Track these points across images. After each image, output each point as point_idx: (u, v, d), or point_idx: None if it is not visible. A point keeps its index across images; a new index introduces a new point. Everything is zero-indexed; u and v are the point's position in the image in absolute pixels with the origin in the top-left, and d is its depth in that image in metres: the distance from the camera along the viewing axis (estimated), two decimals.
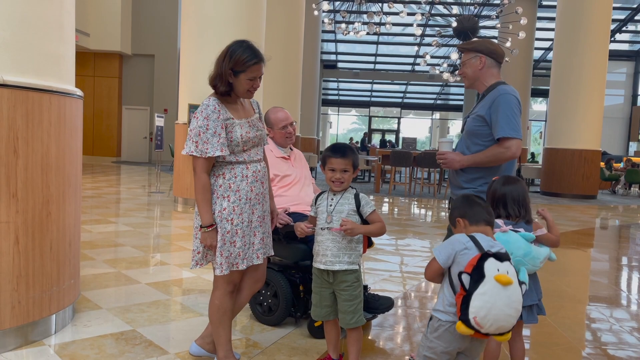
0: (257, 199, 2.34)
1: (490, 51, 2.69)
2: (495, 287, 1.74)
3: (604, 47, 12.16)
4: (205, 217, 2.22)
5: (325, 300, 2.38)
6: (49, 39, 2.60)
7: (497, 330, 1.77)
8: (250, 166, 2.32)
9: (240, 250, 2.28)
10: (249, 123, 2.32)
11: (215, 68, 2.26)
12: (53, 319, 2.74)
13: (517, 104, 2.57)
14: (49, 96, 2.58)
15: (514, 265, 1.91)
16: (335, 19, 17.80)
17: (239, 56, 2.20)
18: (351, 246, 2.32)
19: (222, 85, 2.24)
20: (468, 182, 2.65)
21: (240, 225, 2.27)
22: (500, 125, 2.52)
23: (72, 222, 2.83)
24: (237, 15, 7.36)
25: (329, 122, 33.26)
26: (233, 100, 2.31)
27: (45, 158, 2.58)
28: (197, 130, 2.20)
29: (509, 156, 2.54)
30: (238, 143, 2.26)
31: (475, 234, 1.89)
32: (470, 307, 1.75)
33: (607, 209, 10.82)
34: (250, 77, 2.24)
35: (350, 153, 2.30)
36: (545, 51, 22.97)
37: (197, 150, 2.19)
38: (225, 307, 2.36)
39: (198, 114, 2.23)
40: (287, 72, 12.82)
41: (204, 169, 2.21)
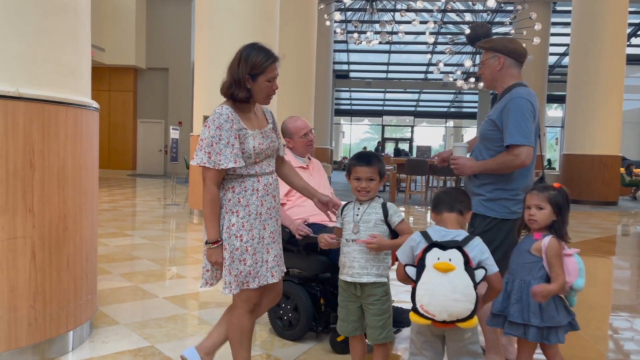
0: (268, 214, 2.22)
1: (510, 50, 2.58)
2: (434, 275, 1.86)
3: (621, 51, 11.97)
4: (212, 232, 2.11)
5: (352, 315, 2.29)
6: (64, 51, 2.58)
7: (451, 317, 1.85)
8: (261, 179, 2.20)
9: (250, 269, 2.16)
10: (262, 134, 2.22)
11: (228, 76, 2.17)
12: (70, 336, 2.68)
13: (529, 109, 2.45)
14: (65, 108, 2.55)
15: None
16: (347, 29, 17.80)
17: (255, 59, 2.12)
18: (379, 257, 2.23)
19: (240, 91, 2.14)
20: (478, 187, 2.58)
21: (251, 242, 2.16)
22: (510, 132, 2.43)
23: (89, 236, 2.79)
24: (250, 27, 7.35)
25: (342, 131, 33.22)
26: (247, 109, 2.22)
27: (61, 171, 2.54)
28: (210, 140, 2.09)
29: (518, 164, 2.43)
30: (250, 155, 2.15)
31: (429, 228, 2.04)
32: (416, 296, 1.90)
33: (629, 216, 10.58)
34: (269, 79, 2.16)
35: (376, 161, 2.22)
36: (560, 56, 22.73)
37: (210, 161, 2.08)
38: (244, 327, 2.26)
39: (210, 123, 2.12)
40: (300, 83, 12.80)
41: (215, 181, 2.11)
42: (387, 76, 27.00)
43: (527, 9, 13.46)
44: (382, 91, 28.94)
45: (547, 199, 2.12)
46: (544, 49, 17.32)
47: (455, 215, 2.07)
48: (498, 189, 2.52)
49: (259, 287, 2.20)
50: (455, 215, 2.07)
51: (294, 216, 3.01)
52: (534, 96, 2.54)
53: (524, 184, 2.52)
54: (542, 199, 2.12)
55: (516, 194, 2.52)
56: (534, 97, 2.52)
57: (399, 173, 12.05)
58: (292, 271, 3.18)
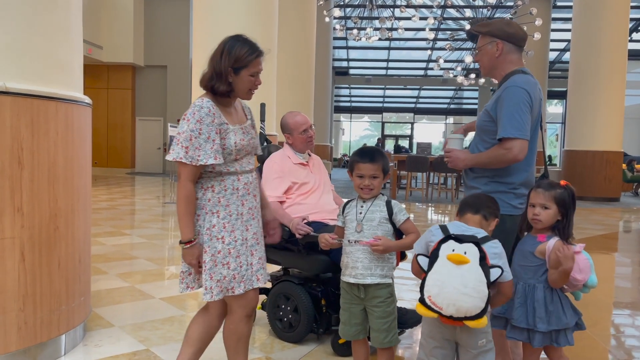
0: (250, 214, 2.10)
1: (509, 35, 2.39)
2: (447, 266, 1.77)
3: (623, 46, 11.87)
4: (185, 231, 1.98)
5: (356, 318, 2.19)
6: (54, 44, 2.48)
7: (459, 312, 1.74)
8: (241, 177, 2.08)
9: (235, 272, 2.03)
10: (243, 130, 2.11)
11: (210, 67, 2.04)
12: (62, 340, 2.59)
13: (524, 99, 2.26)
14: (55, 104, 2.45)
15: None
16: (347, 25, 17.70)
17: (239, 52, 2.00)
18: (384, 257, 2.13)
19: (222, 84, 2.01)
20: (472, 180, 2.46)
21: (233, 244, 2.03)
22: (503, 124, 2.26)
23: (82, 236, 2.69)
24: (248, 24, 7.24)
25: (342, 129, 33.13)
26: (228, 104, 2.10)
27: (52, 169, 2.45)
28: (188, 134, 1.95)
29: (510, 158, 2.25)
30: (231, 151, 2.03)
31: (448, 223, 1.96)
32: (425, 286, 1.80)
33: (631, 212, 10.50)
34: (252, 73, 2.04)
35: (379, 157, 2.12)
36: (560, 52, 22.62)
37: (186, 156, 1.94)
38: (241, 333, 2.14)
39: (189, 116, 1.98)
40: (299, 80, 12.71)
41: (191, 177, 1.98)
42: (387, 73, 26.88)
43: (527, 4, 13.33)
44: (382, 88, 28.83)
45: (553, 198, 2.01)
46: (544, 44, 17.22)
47: (479, 218, 1.99)
48: (494, 182, 2.36)
49: (244, 291, 2.07)
50: (478, 218, 1.99)
51: (294, 214, 2.92)
52: (534, 84, 2.33)
53: (523, 178, 2.37)
54: (548, 197, 2.02)
55: (514, 187, 2.36)
56: (532, 85, 2.33)
57: (399, 170, 11.96)
58: (292, 271, 3.09)
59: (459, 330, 1.85)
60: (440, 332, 1.89)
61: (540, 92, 2.41)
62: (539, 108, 2.38)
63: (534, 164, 2.46)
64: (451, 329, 1.86)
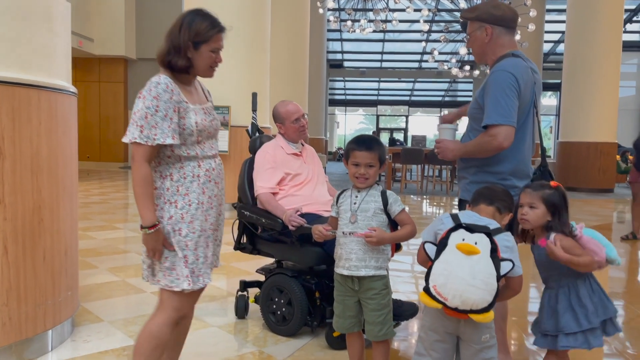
0: (209, 203, 1.96)
1: (496, 18, 2.30)
2: (455, 255, 1.68)
3: (617, 38, 11.84)
4: (147, 215, 1.82)
5: (350, 311, 2.13)
6: (36, 30, 2.39)
7: (465, 304, 1.66)
8: (202, 163, 1.94)
9: (193, 267, 1.90)
10: (204, 110, 1.98)
11: (167, 42, 1.91)
12: (49, 335, 2.52)
13: (510, 83, 2.15)
14: (37, 92, 2.37)
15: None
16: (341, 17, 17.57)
17: (199, 26, 1.88)
18: (379, 249, 2.07)
19: (180, 59, 1.88)
20: (463, 170, 2.39)
21: (191, 235, 1.90)
22: (487, 111, 2.17)
23: (68, 228, 2.62)
24: (240, 16, 7.14)
25: (336, 122, 33.02)
26: (187, 82, 1.97)
27: (35, 159, 2.36)
28: (144, 112, 1.81)
29: (495, 146, 2.16)
30: (192, 132, 1.89)
31: (459, 212, 1.91)
32: (430, 274, 1.72)
33: (625, 203, 10.49)
34: (212, 49, 1.92)
35: (376, 146, 2.06)
36: (554, 44, 22.60)
37: (141, 136, 1.79)
38: (162, 339, 1.92)
39: (145, 93, 1.83)
40: (293, 73, 12.61)
41: (146, 157, 1.83)
42: (382, 65, 26.78)
43: None
44: (377, 80, 28.73)
45: (541, 198, 1.95)
46: (538, 36, 17.15)
47: (493, 210, 1.94)
48: (482, 171, 2.29)
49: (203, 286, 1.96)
50: (492, 210, 1.94)
51: (287, 206, 2.85)
52: (523, 68, 2.23)
53: (512, 167, 2.27)
54: (535, 197, 1.96)
55: (503, 177, 2.27)
56: (521, 68, 2.22)
57: (394, 162, 11.91)
58: (285, 263, 3.03)
59: (463, 324, 1.78)
60: (442, 325, 1.82)
61: (535, 75, 2.30)
62: (530, 92, 2.26)
63: (527, 152, 2.34)
64: (455, 322, 1.79)
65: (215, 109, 7.72)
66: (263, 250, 3.04)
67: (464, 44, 13.59)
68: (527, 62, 2.29)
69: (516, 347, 2.86)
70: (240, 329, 2.96)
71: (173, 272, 1.89)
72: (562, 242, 1.89)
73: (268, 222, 2.83)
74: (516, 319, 3.28)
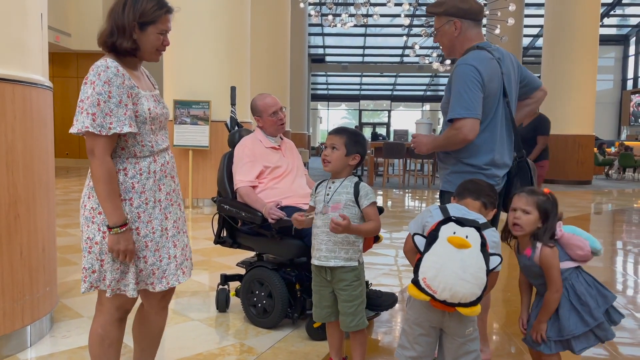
0: (168, 200, 1.85)
1: (464, 12, 2.30)
2: (446, 248, 1.68)
3: (594, 31, 12.03)
4: (116, 213, 1.68)
5: (325, 301, 2.16)
6: (9, 23, 2.36)
7: (454, 298, 1.66)
8: (158, 158, 1.82)
9: (154, 267, 1.80)
10: (154, 97, 1.85)
11: (109, 22, 1.75)
12: (28, 331, 2.50)
13: (472, 76, 2.15)
14: (12, 86, 2.34)
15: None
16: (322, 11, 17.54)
17: (145, 5, 1.74)
18: (349, 240, 2.09)
19: (125, 41, 1.73)
20: (443, 161, 2.40)
21: (151, 235, 1.79)
22: (451, 105, 2.20)
23: (45, 224, 2.59)
24: (220, 9, 7.10)
25: (319, 117, 33.00)
26: (134, 67, 1.83)
27: (10, 155, 2.34)
28: (95, 98, 1.64)
29: (461, 138, 2.17)
30: (145, 119, 1.76)
31: (449, 204, 1.90)
32: (420, 267, 1.70)
33: (603, 194, 10.71)
34: (160, 31, 1.78)
35: (344, 132, 2.09)
36: (534, 38, 22.88)
37: (94, 125, 1.63)
38: (112, 338, 1.86)
39: (94, 78, 1.67)
40: (274, 67, 12.58)
41: (107, 150, 1.68)
42: (364, 60, 26.84)
43: None
44: (359, 75, 28.78)
45: (535, 204, 1.92)
46: (518, 30, 17.34)
47: (479, 204, 1.95)
48: (460, 162, 2.31)
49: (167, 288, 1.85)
50: (478, 204, 1.95)
51: (266, 199, 2.86)
52: (485, 59, 2.21)
53: (489, 159, 2.27)
54: (530, 202, 1.93)
55: (481, 168, 2.27)
56: (483, 60, 2.20)
57: (376, 157, 11.97)
58: (265, 256, 3.04)
59: (448, 317, 1.80)
60: (427, 320, 1.83)
61: (503, 65, 2.29)
62: (498, 83, 2.26)
63: (502, 143, 2.33)
64: (439, 316, 1.81)
65: (196, 104, 7.66)
66: (243, 244, 3.05)
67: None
68: (494, 53, 2.30)
69: (497, 338, 2.92)
70: (222, 322, 2.97)
71: (126, 276, 1.77)
72: (541, 259, 1.91)
73: (248, 215, 2.84)
74: (493, 309, 3.34)
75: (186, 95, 7.09)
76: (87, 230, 1.76)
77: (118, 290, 1.78)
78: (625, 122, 22.72)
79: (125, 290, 1.78)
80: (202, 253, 4.60)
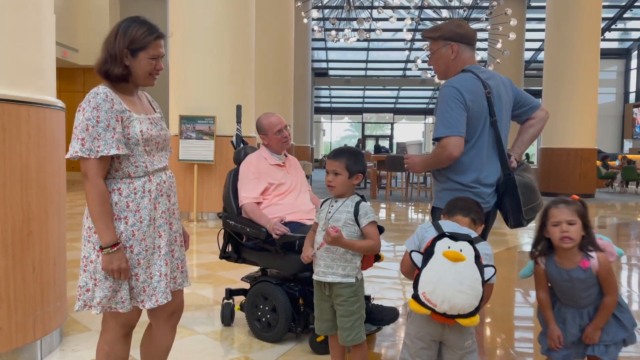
0: (163, 218, 1.90)
1: (461, 36, 2.40)
2: (442, 263, 1.78)
3: (595, 45, 12.13)
4: (108, 233, 1.74)
5: (326, 314, 2.24)
6: (25, 48, 2.46)
7: (453, 309, 1.76)
8: (153, 178, 1.87)
9: (144, 285, 1.84)
10: (150, 120, 1.91)
11: (103, 51, 1.84)
12: (38, 345, 2.57)
13: (453, 96, 2.24)
14: (27, 108, 2.43)
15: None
16: (325, 26, 17.75)
17: (135, 32, 1.83)
18: (346, 257, 2.15)
19: (116, 67, 1.82)
20: (435, 178, 2.48)
21: (143, 253, 1.83)
22: (436, 125, 2.31)
23: (56, 240, 2.68)
24: (226, 25, 7.24)
25: (322, 129, 33.19)
26: (129, 92, 1.90)
27: (24, 173, 2.43)
28: (84, 124, 1.73)
29: (446, 156, 2.26)
30: (138, 141, 1.82)
31: (441, 221, 1.98)
32: (419, 282, 1.80)
33: (606, 207, 10.73)
34: (151, 56, 1.86)
35: (343, 155, 2.15)
36: (535, 52, 23.02)
37: (83, 149, 1.72)
38: (117, 354, 1.94)
39: (84, 105, 1.77)
40: (278, 81, 12.72)
41: (99, 172, 1.76)
42: (366, 73, 27.03)
43: (502, 4, 13.55)
44: (362, 89, 28.98)
45: (577, 213, 1.89)
46: (519, 44, 17.51)
47: (469, 220, 2.04)
48: (449, 179, 2.38)
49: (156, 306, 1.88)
50: (468, 220, 2.04)
51: (271, 215, 2.94)
52: (468, 80, 2.31)
53: (475, 176, 2.33)
54: (572, 212, 1.88)
55: (468, 186, 2.33)
56: (466, 81, 2.30)
57: (379, 170, 12.04)
58: (270, 271, 3.11)
59: (448, 330, 1.87)
60: (428, 333, 1.90)
61: (489, 85, 2.34)
62: (482, 103, 2.32)
63: (488, 161, 2.37)
64: (439, 329, 1.88)
65: (201, 119, 7.76)
66: (248, 259, 3.12)
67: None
68: (480, 75, 2.37)
69: (501, 352, 2.97)
70: (227, 335, 3.03)
71: (118, 294, 1.82)
72: (602, 265, 1.92)
73: (252, 231, 2.91)
74: (495, 322, 3.39)
75: (192, 111, 7.21)
76: (84, 249, 1.85)
77: (109, 308, 1.83)
78: (628, 135, 22.76)
79: (117, 307, 1.83)
80: (207, 267, 4.67)
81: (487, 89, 2.35)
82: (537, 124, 2.60)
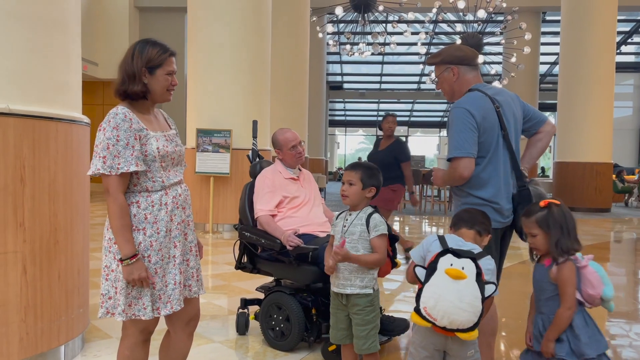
0: (178, 229, 2.01)
1: (460, 59, 2.49)
2: (444, 280, 1.86)
3: (611, 59, 12.10)
4: (127, 246, 1.86)
5: (342, 323, 2.32)
6: (54, 67, 2.61)
7: (452, 324, 1.84)
8: (169, 191, 1.99)
9: (160, 293, 1.95)
10: (166, 137, 2.03)
11: (121, 72, 1.97)
12: (62, 350, 2.68)
13: (463, 118, 2.31)
14: (55, 124, 2.57)
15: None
16: (340, 40, 17.94)
17: (150, 52, 1.95)
18: (363, 269, 2.24)
19: (135, 85, 1.94)
20: (456, 192, 2.53)
21: (160, 263, 1.95)
22: (448, 146, 2.39)
23: (81, 249, 2.80)
24: (242, 40, 7.41)
25: (337, 142, 33.31)
26: (146, 111, 2.02)
27: (52, 186, 2.56)
28: (105, 143, 1.86)
29: (457, 176, 2.33)
30: (155, 158, 1.94)
31: (446, 235, 2.06)
32: (421, 297, 1.90)
33: (622, 222, 10.63)
34: (167, 72, 1.98)
35: (359, 167, 2.26)
36: (550, 65, 22.95)
37: (105, 167, 1.85)
38: (136, 359, 2.06)
39: (105, 125, 1.90)
40: (293, 95, 12.88)
41: (120, 188, 1.88)
42: (381, 87, 27.17)
43: (517, 19, 13.63)
44: (376, 102, 29.10)
45: (536, 224, 2.00)
46: (534, 58, 17.50)
47: (474, 233, 2.08)
48: (469, 194, 2.43)
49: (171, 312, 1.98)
50: (473, 233, 2.08)
51: (285, 227, 3.03)
52: (477, 99, 2.37)
53: (494, 192, 2.37)
54: (531, 225, 2.01)
55: (488, 200, 2.36)
56: (474, 101, 2.37)
57: None
58: (284, 282, 3.20)
59: (451, 340, 1.95)
60: (432, 343, 1.98)
61: (497, 100, 2.40)
62: (493, 120, 2.38)
63: (506, 177, 2.42)
64: (442, 339, 1.96)
65: (217, 133, 7.92)
66: (263, 269, 3.21)
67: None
68: (487, 92, 2.43)
69: None
70: (241, 344, 3.12)
71: (139, 301, 1.93)
72: (558, 272, 1.95)
73: (267, 242, 3.00)
74: (509, 336, 3.43)
75: (208, 124, 7.37)
76: (105, 258, 1.98)
77: (133, 315, 1.93)
78: None
79: (139, 315, 1.93)
80: (223, 277, 4.77)
81: (496, 103, 2.41)
82: (545, 137, 2.67)
